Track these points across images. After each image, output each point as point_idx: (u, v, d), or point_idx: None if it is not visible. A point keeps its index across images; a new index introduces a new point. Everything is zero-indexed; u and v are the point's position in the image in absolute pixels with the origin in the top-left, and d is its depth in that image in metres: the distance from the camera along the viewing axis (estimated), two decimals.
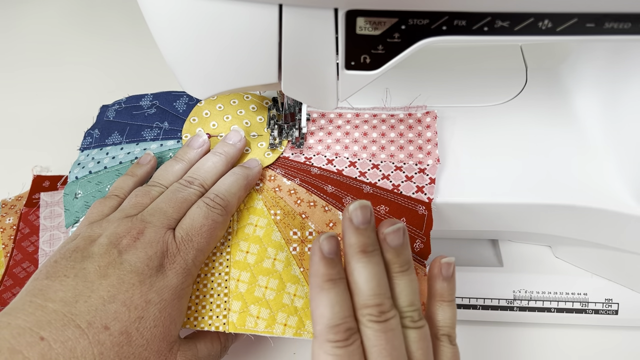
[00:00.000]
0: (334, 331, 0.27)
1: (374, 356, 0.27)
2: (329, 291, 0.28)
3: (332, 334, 0.27)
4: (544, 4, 0.23)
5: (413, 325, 0.29)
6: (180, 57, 0.29)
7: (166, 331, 0.31)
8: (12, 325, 0.27)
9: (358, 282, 0.28)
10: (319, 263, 0.28)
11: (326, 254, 0.28)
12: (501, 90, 0.44)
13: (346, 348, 0.27)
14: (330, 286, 0.28)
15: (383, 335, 0.27)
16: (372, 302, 0.28)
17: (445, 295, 0.31)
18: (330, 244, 0.28)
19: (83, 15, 0.73)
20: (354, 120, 0.42)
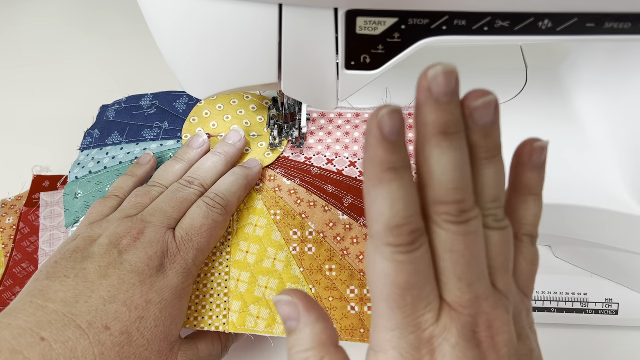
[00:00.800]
0: (395, 233, 0.21)
1: (447, 264, 0.22)
2: (390, 183, 0.21)
3: (392, 237, 0.21)
4: (544, 4, 0.23)
5: (497, 225, 0.23)
6: (180, 57, 0.29)
7: (167, 331, 0.31)
8: (12, 326, 0.27)
9: (435, 171, 0.22)
10: (377, 146, 0.21)
11: (387, 134, 0.21)
12: (501, 90, 0.44)
13: (411, 254, 0.21)
14: (391, 177, 0.21)
15: (462, 240, 0.22)
16: (452, 197, 0.21)
17: (534, 187, 0.25)
18: (393, 121, 0.21)
19: (83, 15, 0.73)
20: (354, 120, 0.42)
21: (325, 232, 0.37)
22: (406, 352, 0.22)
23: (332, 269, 0.36)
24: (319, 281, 0.35)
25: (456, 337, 0.21)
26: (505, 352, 0.22)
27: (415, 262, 0.21)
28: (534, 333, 0.25)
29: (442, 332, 0.22)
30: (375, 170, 0.21)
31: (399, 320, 0.22)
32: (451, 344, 0.21)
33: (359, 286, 0.35)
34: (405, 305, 0.22)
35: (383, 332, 0.22)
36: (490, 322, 0.22)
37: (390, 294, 0.22)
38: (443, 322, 0.22)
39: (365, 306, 0.34)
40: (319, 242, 0.36)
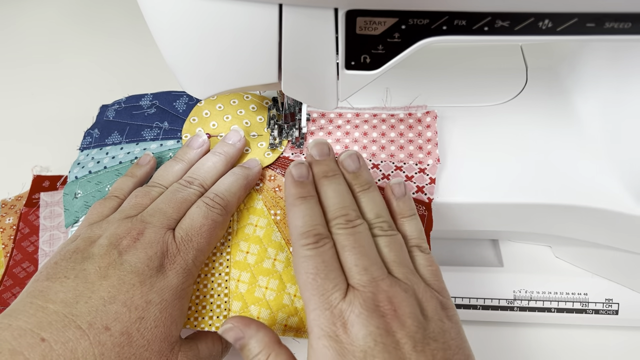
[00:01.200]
0: (304, 236, 0.30)
1: (345, 253, 0.30)
2: (299, 206, 0.32)
3: (303, 239, 0.30)
4: (544, 4, 0.23)
5: (382, 233, 0.32)
6: (180, 57, 0.29)
7: (167, 331, 0.31)
8: (13, 327, 0.27)
9: (325, 200, 0.33)
10: (290, 185, 0.33)
11: (296, 177, 0.33)
12: (501, 90, 0.44)
13: (317, 249, 0.30)
14: (300, 202, 0.32)
15: (352, 237, 0.30)
16: (339, 213, 0.32)
17: (404, 211, 0.34)
18: (298, 169, 0.34)
19: (82, 14, 0.73)
20: (354, 120, 0.42)
21: None
22: (325, 326, 0.27)
23: None
24: None
25: (359, 307, 0.27)
26: (410, 324, 0.27)
27: (320, 255, 0.29)
28: (455, 324, 0.29)
29: (348, 306, 0.28)
30: (290, 200, 0.33)
31: (315, 301, 0.28)
32: (355, 313, 0.27)
33: None
34: (317, 287, 0.28)
35: (308, 315, 0.29)
36: (390, 297, 0.28)
37: (306, 280, 0.29)
38: (348, 299, 0.28)
39: None
40: None
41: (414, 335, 0.27)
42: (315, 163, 0.35)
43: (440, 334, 0.28)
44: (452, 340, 0.28)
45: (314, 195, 0.33)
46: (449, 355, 0.27)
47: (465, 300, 0.42)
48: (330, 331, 0.27)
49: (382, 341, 0.27)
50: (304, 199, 0.32)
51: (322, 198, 0.33)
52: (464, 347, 0.29)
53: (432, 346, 0.27)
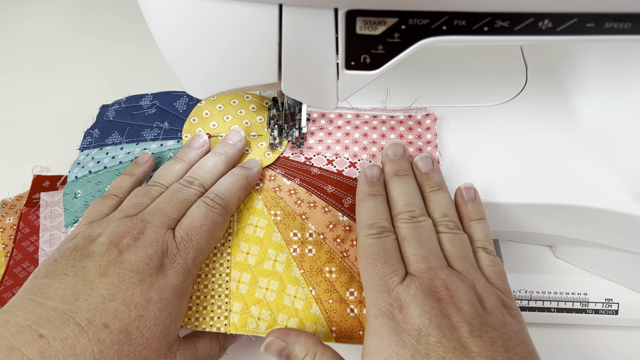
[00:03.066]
0: (369, 227, 0.32)
1: (405, 244, 0.32)
2: (367, 202, 0.34)
3: (367, 230, 0.32)
4: (544, 4, 0.23)
5: (447, 230, 0.33)
6: (181, 57, 0.29)
7: (166, 330, 0.31)
8: (11, 323, 0.27)
9: (393, 196, 0.35)
10: (362, 183, 0.36)
11: (368, 177, 0.36)
12: (501, 90, 0.44)
13: (379, 239, 0.32)
14: (369, 198, 0.34)
15: (413, 230, 0.32)
16: (404, 209, 0.34)
17: (472, 214, 0.35)
18: (371, 170, 0.36)
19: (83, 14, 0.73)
20: (354, 121, 0.42)
21: (325, 233, 0.37)
22: (382, 306, 0.29)
23: (332, 271, 0.36)
24: (319, 283, 0.35)
25: (415, 289, 0.29)
26: (467, 310, 0.28)
27: (382, 243, 0.32)
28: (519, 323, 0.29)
29: (405, 288, 0.29)
30: (361, 196, 0.35)
31: (374, 283, 0.30)
32: (411, 294, 0.29)
33: (358, 289, 0.35)
34: (377, 271, 0.30)
35: (367, 297, 0.30)
36: (446, 284, 0.29)
37: (367, 264, 0.31)
38: (406, 282, 0.29)
39: (364, 308, 0.34)
40: (319, 243, 0.36)
41: (471, 320, 0.27)
42: (389, 162, 0.37)
43: (500, 325, 0.28)
44: (514, 332, 0.28)
45: (383, 195, 0.35)
46: (510, 345, 0.27)
47: None
48: (386, 311, 0.29)
49: (437, 321, 0.27)
50: (373, 196, 0.34)
51: (390, 195, 0.35)
52: (527, 342, 0.28)
53: (490, 334, 0.27)
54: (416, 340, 0.27)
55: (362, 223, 0.33)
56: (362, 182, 0.36)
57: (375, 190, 0.35)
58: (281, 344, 0.31)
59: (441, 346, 0.27)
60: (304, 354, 0.30)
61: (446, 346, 0.27)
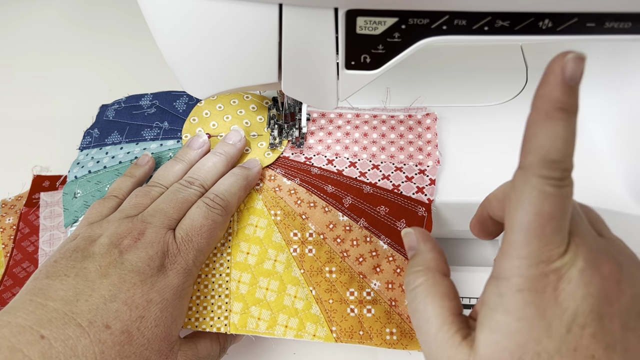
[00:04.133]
0: (550, 166, 0.22)
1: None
2: (557, 122, 0.22)
3: (546, 169, 0.22)
4: (544, 4, 0.23)
5: None
6: (181, 57, 0.29)
7: (167, 331, 0.31)
8: (12, 324, 0.27)
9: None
10: (555, 85, 0.22)
11: (568, 77, 0.22)
12: (501, 90, 0.44)
13: (559, 189, 0.22)
14: (561, 116, 0.22)
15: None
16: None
17: None
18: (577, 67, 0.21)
19: (82, 15, 0.73)
20: (354, 121, 0.42)
21: (325, 233, 0.37)
22: (533, 278, 0.22)
23: (332, 271, 0.36)
24: (319, 283, 0.35)
25: (582, 262, 0.22)
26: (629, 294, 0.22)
27: (561, 197, 0.22)
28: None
29: (571, 258, 0.22)
30: (546, 107, 0.22)
31: (534, 249, 0.22)
32: (578, 268, 0.22)
33: (358, 289, 0.35)
34: (543, 235, 0.22)
35: (511, 260, 0.23)
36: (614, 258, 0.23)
37: (532, 222, 0.22)
38: (572, 251, 0.23)
39: (364, 308, 0.34)
40: (319, 243, 0.36)
41: (630, 308, 0.23)
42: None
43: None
44: None
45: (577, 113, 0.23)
46: None
47: (466, 300, 0.42)
48: (538, 286, 0.22)
49: (599, 309, 0.22)
50: (566, 113, 0.22)
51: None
52: None
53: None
54: (567, 329, 0.22)
55: (539, 152, 0.22)
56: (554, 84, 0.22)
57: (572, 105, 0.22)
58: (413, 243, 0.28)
59: (595, 341, 0.22)
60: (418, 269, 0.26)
61: (600, 341, 0.22)
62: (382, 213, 0.37)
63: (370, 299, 0.35)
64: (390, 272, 0.35)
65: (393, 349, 0.33)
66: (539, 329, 0.22)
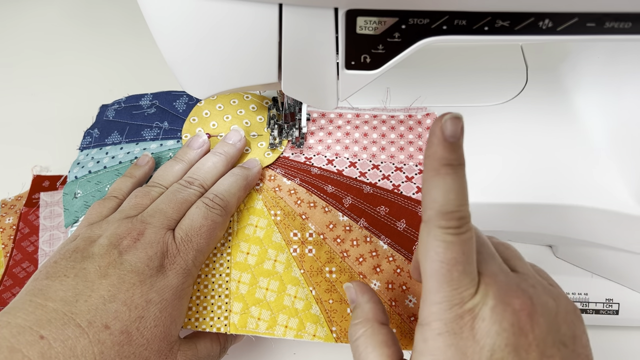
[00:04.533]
0: (445, 217, 0.24)
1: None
2: (445, 177, 0.24)
3: (444, 220, 0.24)
4: (545, 4, 0.23)
5: None
6: (180, 57, 0.29)
7: (167, 331, 0.31)
8: (11, 324, 0.27)
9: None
10: (437, 145, 0.24)
11: (448, 136, 0.24)
12: (501, 90, 0.44)
13: (459, 236, 0.24)
14: (447, 171, 0.24)
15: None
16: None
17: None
18: (454, 126, 0.24)
19: (83, 15, 0.73)
20: (354, 121, 0.42)
21: (325, 233, 0.37)
22: (450, 321, 0.24)
23: (332, 271, 0.36)
24: (319, 283, 0.35)
25: (492, 300, 0.24)
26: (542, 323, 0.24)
27: (461, 243, 0.24)
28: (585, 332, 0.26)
29: (482, 298, 0.24)
30: (434, 165, 0.24)
31: (446, 294, 0.24)
32: (489, 306, 0.24)
33: None
34: (452, 280, 0.24)
35: (430, 306, 0.25)
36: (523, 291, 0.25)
37: (439, 269, 0.24)
38: (482, 291, 0.24)
39: None
40: (319, 243, 0.36)
41: (545, 338, 0.24)
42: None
43: (570, 340, 0.25)
44: (582, 348, 0.25)
45: (464, 165, 0.25)
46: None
47: None
48: (456, 327, 0.24)
49: (515, 342, 0.23)
50: (452, 167, 0.24)
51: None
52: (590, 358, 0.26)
53: (562, 352, 0.24)
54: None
55: (436, 206, 0.24)
56: (437, 144, 0.24)
57: (456, 158, 0.24)
58: (352, 296, 0.30)
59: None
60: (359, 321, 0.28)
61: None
62: (382, 213, 0.37)
63: None
64: (390, 272, 0.35)
65: None
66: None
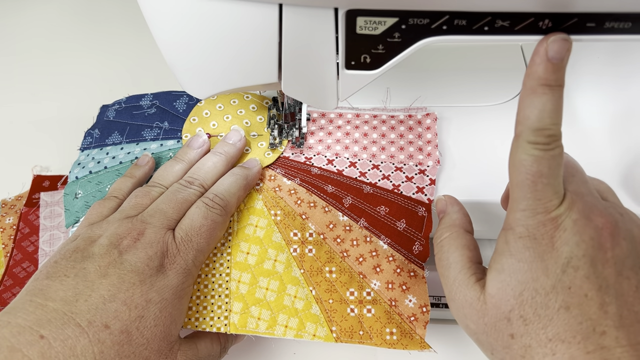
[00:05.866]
0: (535, 134, 0.26)
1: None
2: (542, 96, 0.26)
3: (533, 136, 0.26)
4: (545, 4, 0.23)
5: None
6: (181, 57, 0.29)
7: (167, 330, 0.31)
8: (12, 324, 0.27)
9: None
10: (539, 64, 0.25)
11: (550, 57, 0.25)
12: (501, 90, 0.44)
13: (547, 152, 0.26)
14: (544, 91, 0.25)
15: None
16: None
17: None
18: (558, 47, 0.25)
19: (83, 14, 0.73)
20: (354, 121, 0.42)
21: (326, 233, 0.37)
22: (532, 227, 0.26)
23: (332, 271, 0.36)
24: (319, 283, 0.35)
25: (576, 213, 0.26)
26: (624, 246, 0.25)
27: (548, 159, 0.26)
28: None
29: (566, 210, 0.26)
30: (532, 83, 0.26)
31: (530, 202, 0.26)
32: (572, 219, 0.25)
33: (358, 288, 0.35)
34: (536, 191, 0.26)
35: (514, 213, 0.27)
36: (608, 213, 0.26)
37: (524, 180, 0.26)
38: (567, 203, 0.26)
39: (364, 308, 0.34)
40: (319, 243, 0.36)
41: (625, 259, 0.25)
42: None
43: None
44: None
45: (563, 87, 0.26)
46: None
47: None
48: (537, 233, 0.26)
49: (592, 254, 0.25)
50: (550, 88, 0.25)
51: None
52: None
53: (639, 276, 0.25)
54: (562, 270, 0.25)
55: (527, 123, 0.26)
56: (539, 63, 0.25)
57: (555, 80, 0.25)
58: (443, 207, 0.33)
59: (588, 282, 0.24)
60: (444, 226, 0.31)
61: (593, 283, 0.24)
62: (382, 213, 0.37)
63: (370, 299, 0.35)
64: (390, 272, 0.35)
65: (393, 349, 0.33)
66: (537, 269, 0.25)
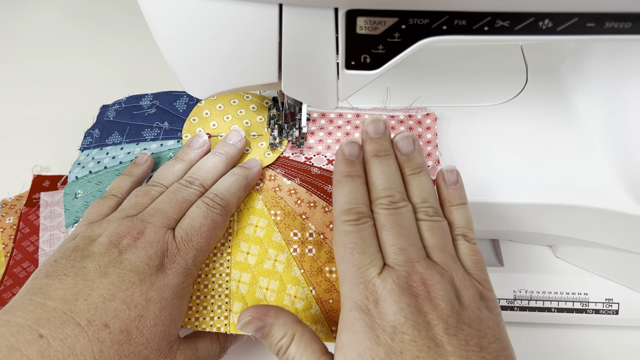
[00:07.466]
0: (346, 213, 0.30)
1: (384, 233, 0.30)
2: (345, 184, 0.32)
3: (344, 216, 0.30)
4: (545, 4, 0.23)
5: (427, 218, 0.31)
6: (181, 57, 0.29)
7: (166, 330, 0.31)
8: (11, 323, 0.27)
9: (372, 179, 0.32)
10: (340, 162, 0.33)
11: (347, 155, 0.33)
12: (501, 90, 0.44)
13: (357, 226, 0.30)
14: (346, 180, 0.32)
15: (392, 217, 0.30)
16: (383, 193, 0.31)
17: (454, 198, 0.33)
18: (350, 148, 0.33)
19: (83, 14, 0.73)
20: (355, 121, 0.42)
21: (326, 233, 0.37)
22: (357, 299, 0.28)
23: (332, 271, 0.36)
24: (319, 283, 0.35)
25: (392, 284, 0.28)
26: (443, 307, 0.27)
27: (360, 231, 0.30)
28: (495, 316, 0.29)
29: (382, 282, 0.28)
30: (337, 176, 0.32)
31: (350, 274, 0.29)
32: (387, 289, 0.27)
33: None
34: (354, 261, 0.29)
35: (342, 287, 0.29)
36: (424, 279, 0.28)
37: (343, 254, 0.29)
38: (383, 276, 0.28)
39: None
40: (319, 243, 0.36)
41: (447, 318, 0.27)
42: (369, 141, 0.33)
43: (476, 322, 0.27)
44: (489, 329, 0.27)
45: (362, 175, 0.32)
46: (485, 343, 0.27)
47: None
48: (362, 304, 0.28)
49: (413, 319, 0.27)
50: (350, 177, 0.32)
51: (369, 177, 0.33)
52: (502, 338, 0.28)
53: (465, 332, 0.27)
54: (390, 338, 0.26)
55: (338, 207, 0.31)
56: (339, 161, 0.33)
57: (354, 170, 0.32)
58: (259, 324, 0.30)
59: (415, 345, 0.26)
60: (283, 335, 0.30)
61: (420, 345, 0.26)
62: None
63: None
64: None
65: None
66: (370, 339, 0.27)
